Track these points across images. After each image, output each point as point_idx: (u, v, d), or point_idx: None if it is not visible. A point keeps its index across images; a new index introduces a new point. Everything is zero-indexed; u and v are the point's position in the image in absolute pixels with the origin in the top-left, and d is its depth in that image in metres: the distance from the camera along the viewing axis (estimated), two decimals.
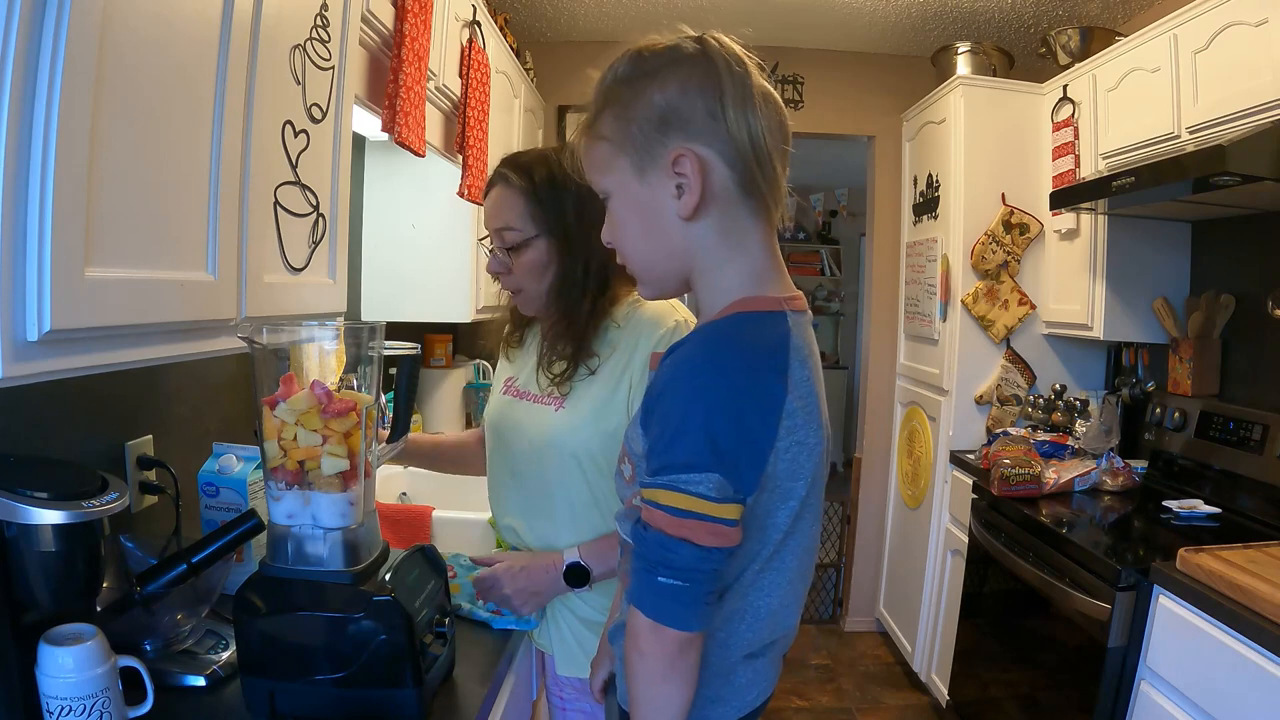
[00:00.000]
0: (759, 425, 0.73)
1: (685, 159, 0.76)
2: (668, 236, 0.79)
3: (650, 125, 0.76)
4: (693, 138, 0.76)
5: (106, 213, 0.80)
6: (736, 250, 0.79)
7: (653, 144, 0.77)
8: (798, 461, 0.77)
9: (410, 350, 1.17)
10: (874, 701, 3.09)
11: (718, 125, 0.75)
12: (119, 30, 0.79)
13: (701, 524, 0.73)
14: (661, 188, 0.77)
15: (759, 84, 0.78)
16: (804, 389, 0.76)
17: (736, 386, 0.73)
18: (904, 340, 3.50)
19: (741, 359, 0.74)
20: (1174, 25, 2.07)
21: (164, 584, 1.05)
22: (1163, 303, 2.44)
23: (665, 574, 0.74)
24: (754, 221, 0.79)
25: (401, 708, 1.02)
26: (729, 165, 0.76)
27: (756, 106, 0.76)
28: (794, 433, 0.75)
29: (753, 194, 0.77)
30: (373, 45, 1.54)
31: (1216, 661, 1.49)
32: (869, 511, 3.66)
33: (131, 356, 0.87)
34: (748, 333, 0.76)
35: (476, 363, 3.00)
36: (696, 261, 0.80)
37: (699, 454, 0.72)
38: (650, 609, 0.76)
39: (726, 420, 0.72)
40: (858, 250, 6.86)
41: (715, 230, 0.78)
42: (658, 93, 0.77)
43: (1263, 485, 2.02)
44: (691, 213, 0.77)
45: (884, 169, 3.59)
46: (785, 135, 0.81)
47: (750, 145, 0.76)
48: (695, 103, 0.76)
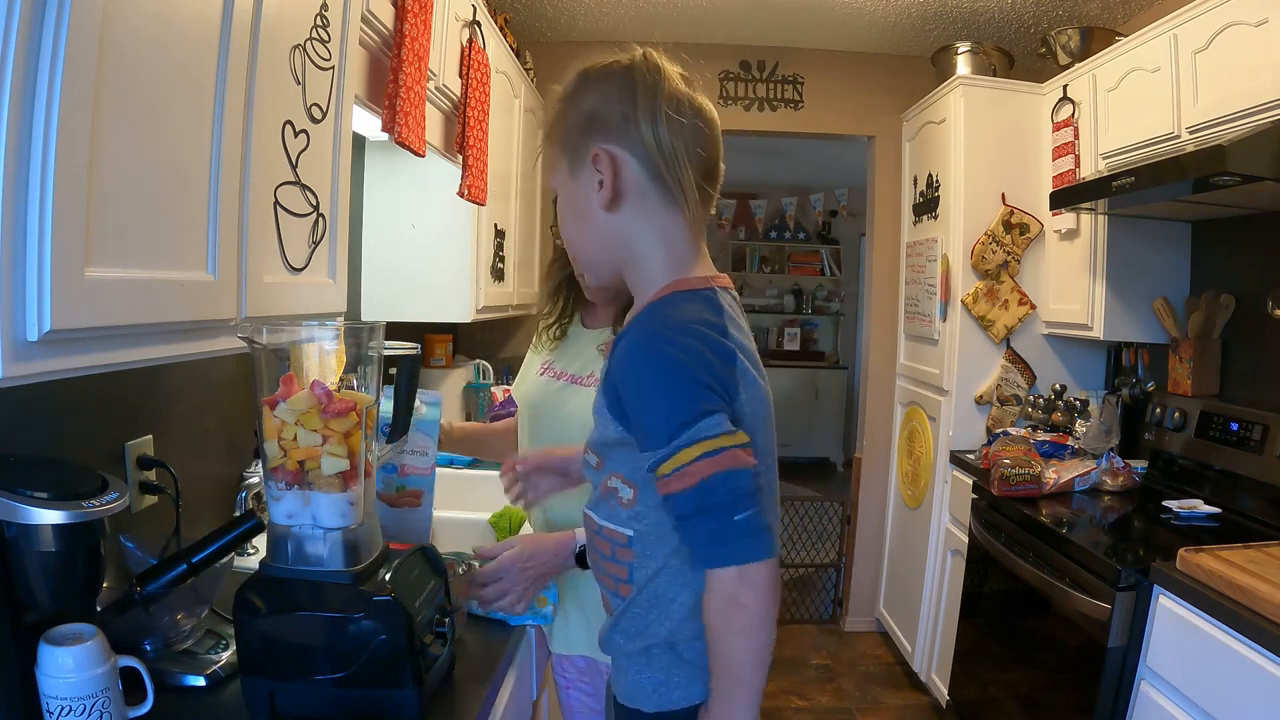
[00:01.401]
0: (725, 373, 0.83)
1: (601, 157, 0.88)
2: (595, 227, 0.90)
3: (577, 130, 0.90)
4: (608, 139, 0.88)
5: (106, 213, 0.80)
6: (659, 242, 0.89)
7: (579, 145, 0.89)
8: (755, 410, 0.86)
9: (410, 350, 1.17)
10: (874, 701, 3.09)
11: (630, 128, 0.87)
12: (119, 30, 0.79)
13: (735, 452, 0.80)
14: (588, 183, 0.89)
15: (676, 94, 0.88)
16: (744, 350, 0.86)
17: (693, 346, 0.82)
18: (904, 340, 3.50)
19: (688, 325, 0.84)
20: (1174, 25, 2.07)
21: (164, 584, 1.05)
22: (1163, 303, 2.44)
23: (738, 510, 0.80)
24: (671, 214, 0.89)
25: (401, 708, 1.02)
26: (640, 163, 0.87)
27: (663, 114, 0.87)
28: (749, 388, 0.85)
29: (663, 189, 0.87)
30: (373, 45, 1.55)
31: (1216, 661, 1.49)
32: (869, 511, 3.66)
33: (131, 356, 0.87)
34: (686, 306, 0.86)
35: (476, 363, 3.00)
36: (624, 254, 0.91)
37: (695, 404, 0.80)
38: (736, 555, 0.81)
39: (700, 369, 0.81)
40: (858, 250, 6.86)
41: (635, 220, 0.89)
42: (586, 102, 0.90)
43: (1263, 485, 2.02)
44: (609, 203, 0.88)
45: (884, 169, 3.59)
46: (703, 139, 0.90)
47: (657, 146, 0.86)
48: (613, 109, 0.88)
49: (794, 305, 7.20)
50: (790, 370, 6.88)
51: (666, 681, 0.93)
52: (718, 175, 0.93)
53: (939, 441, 2.99)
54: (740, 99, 3.56)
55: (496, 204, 2.45)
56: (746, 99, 3.56)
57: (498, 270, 2.57)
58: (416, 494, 1.39)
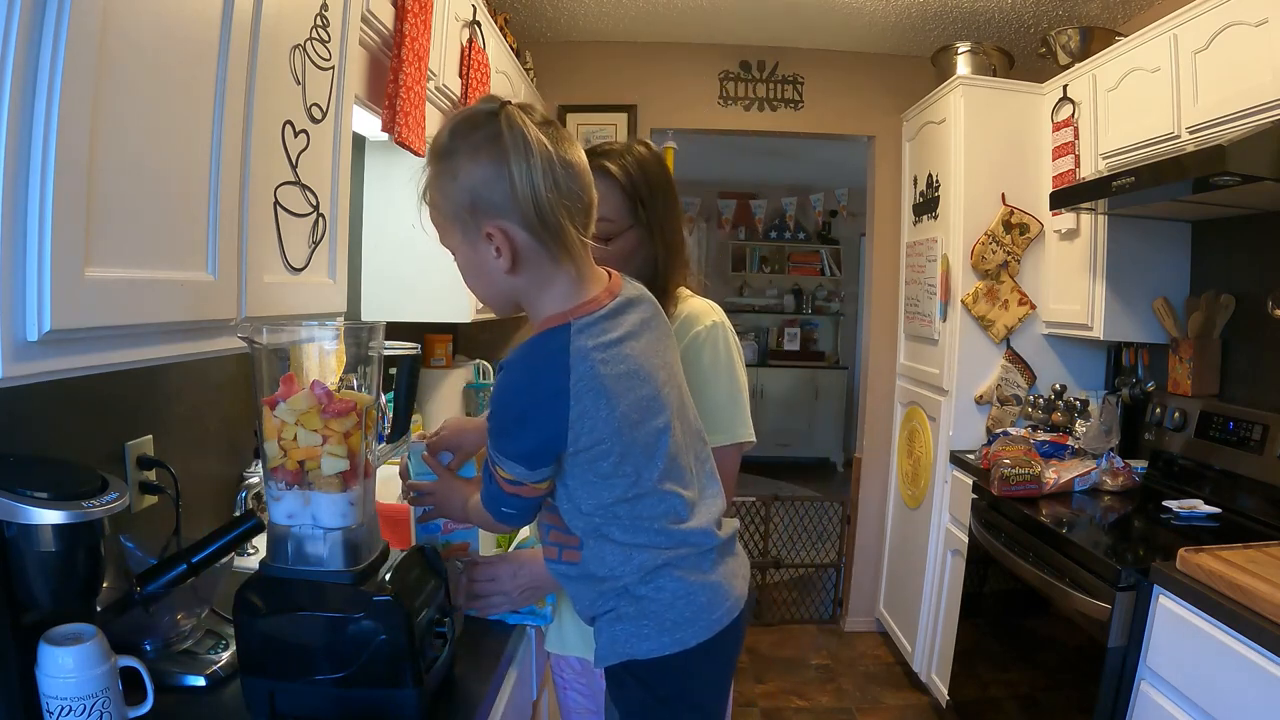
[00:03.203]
0: (543, 417, 0.98)
1: (495, 235, 0.97)
2: (497, 284, 1.03)
3: (465, 210, 0.98)
4: (497, 217, 0.97)
5: (106, 212, 0.80)
6: (546, 284, 1.02)
7: (469, 225, 0.99)
8: (595, 429, 0.98)
9: (410, 350, 1.17)
10: (874, 701, 3.09)
11: (513, 204, 0.96)
12: (119, 30, 0.79)
13: (520, 487, 1.03)
14: (486, 252, 0.99)
15: (546, 155, 0.96)
16: (587, 371, 0.97)
17: (523, 391, 1.00)
18: (904, 340, 3.50)
19: (529, 370, 0.99)
20: (1174, 25, 2.07)
21: (164, 584, 1.05)
22: (1163, 303, 2.44)
23: (507, 508, 1.07)
24: (557, 266, 1.00)
25: (401, 708, 1.02)
26: (528, 231, 0.97)
27: (540, 185, 0.95)
28: (581, 401, 0.97)
29: (550, 247, 0.98)
30: (373, 45, 1.55)
31: (1216, 661, 1.49)
32: (869, 511, 3.66)
33: (131, 356, 0.87)
34: (537, 349, 0.99)
35: (476, 363, 3.00)
36: (523, 298, 1.04)
37: (511, 452, 1.00)
38: (501, 520, 1.10)
39: (518, 423, 1.00)
40: (858, 250, 6.86)
41: (531, 276, 1.01)
42: (465, 177, 0.97)
43: (1263, 485, 2.02)
44: (510, 269, 0.99)
45: (884, 169, 3.59)
46: (576, 189, 0.99)
47: (539, 218, 0.96)
48: (494, 188, 0.96)
49: (794, 305, 7.20)
50: (790, 370, 6.88)
51: (638, 633, 1.04)
52: (592, 211, 1.03)
53: (939, 441, 2.99)
54: (740, 99, 3.56)
55: None
56: (746, 99, 3.56)
57: None
58: (463, 547, 1.37)
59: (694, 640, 1.04)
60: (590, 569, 1.06)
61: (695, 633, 1.04)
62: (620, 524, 1.03)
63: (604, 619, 1.08)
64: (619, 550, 1.04)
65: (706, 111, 3.56)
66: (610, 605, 1.06)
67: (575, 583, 1.10)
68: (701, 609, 1.05)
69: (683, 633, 1.04)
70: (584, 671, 1.39)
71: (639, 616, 1.04)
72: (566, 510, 1.06)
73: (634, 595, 1.05)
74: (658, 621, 1.04)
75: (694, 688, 1.08)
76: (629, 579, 1.04)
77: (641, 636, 1.04)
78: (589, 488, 1.02)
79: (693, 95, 3.54)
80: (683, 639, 1.04)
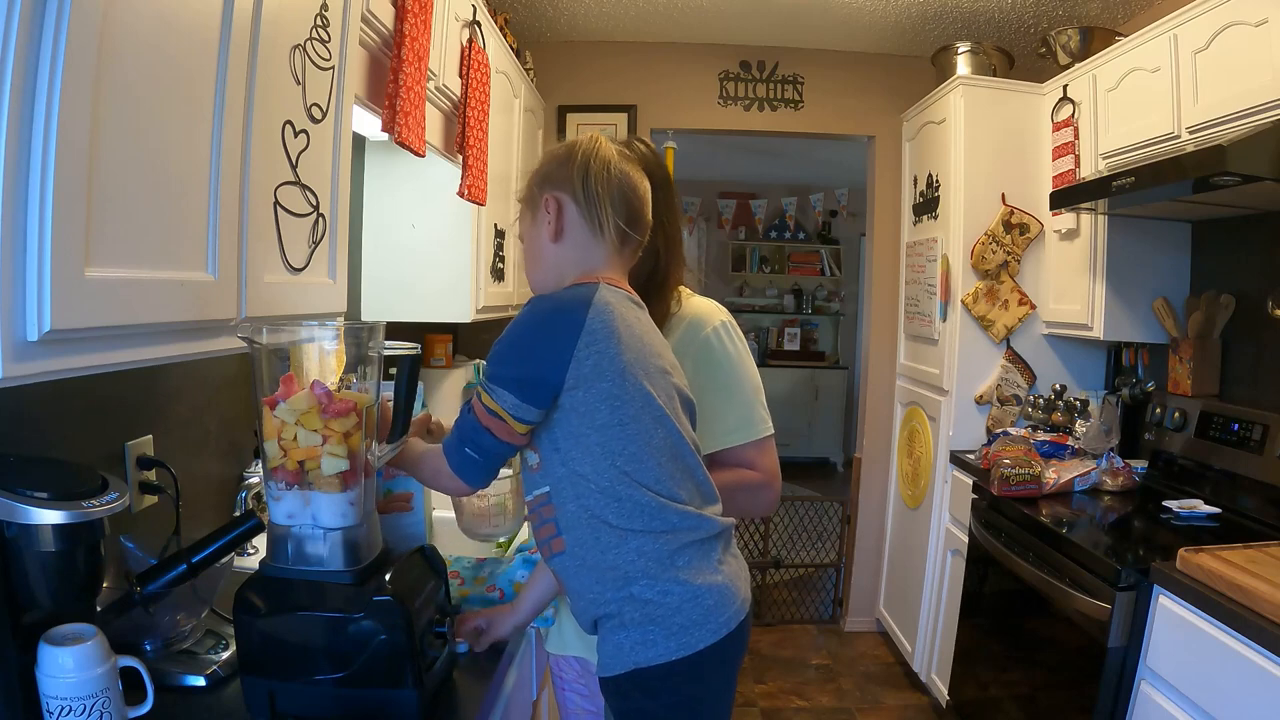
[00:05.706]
0: (549, 345, 1.03)
1: (550, 200, 1.15)
2: (544, 259, 1.17)
3: (536, 185, 1.18)
4: (555, 188, 1.16)
5: (106, 212, 0.80)
6: (584, 260, 1.15)
7: (536, 196, 1.17)
8: (600, 365, 1.03)
9: (410, 350, 1.17)
10: (874, 701, 3.09)
11: (569, 181, 1.14)
12: (119, 30, 0.79)
13: (497, 423, 1.04)
14: (542, 223, 1.16)
15: (607, 159, 1.15)
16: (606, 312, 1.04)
17: (537, 321, 1.06)
18: (904, 340, 3.50)
19: (550, 302, 1.07)
20: (1174, 25, 2.07)
21: (164, 584, 1.05)
22: (1163, 303, 2.44)
23: (471, 449, 1.06)
24: (594, 243, 1.15)
25: (401, 708, 1.02)
26: (575, 205, 1.14)
27: (592, 171, 1.14)
28: (593, 335, 1.02)
29: (590, 223, 1.14)
30: (373, 45, 1.54)
31: (1216, 661, 1.49)
32: (869, 511, 3.66)
33: (131, 356, 0.87)
34: (563, 292, 1.09)
35: (477, 363, 3.00)
36: (561, 277, 1.15)
37: (506, 376, 1.04)
38: (455, 466, 1.09)
39: (523, 347, 1.05)
40: (858, 250, 6.86)
41: (569, 249, 1.15)
42: (544, 168, 1.19)
43: (1263, 485, 2.02)
44: (553, 235, 1.15)
45: (884, 169, 3.59)
46: (625, 192, 1.15)
47: (584, 191, 1.14)
48: (560, 169, 1.16)
49: (794, 305, 7.20)
50: (790, 370, 6.88)
51: (644, 640, 1.02)
52: (640, 223, 1.17)
53: (939, 441, 2.99)
54: (740, 99, 3.56)
55: (496, 204, 2.45)
56: (746, 99, 3.56)
57: (498, 270, 2.57)
58: (405, 497, 1.37)
59: (703, 643, 1.03)
60: (587, 556, 1.05)
61: (703, 635, 1.03)
62: (618, 505, 1.02)
63: (607, 626, 1.05)
64: (615, 534, 1.03)
65: (706, 111, 3.56)
66: (613, 609, 1.04)
67: (575, 576, 1.07)
68: (710, 611, 1.04)
69: (690, 636, 1.02)
70: (584, 672, 1.39)
71: (644, 622, 1.02)
72: (560, 486, 1.05)
73: (639, 600, 1.03)
74: (665, 626, 1.02)
75: (699, 694, 1.05)
76: (629, 569, 1.03)
77: (647, 643, 1.02)
78: (583, 446, 1.03)
79: (692, 95, 3.54)
80: (690, 642, 1.02)
